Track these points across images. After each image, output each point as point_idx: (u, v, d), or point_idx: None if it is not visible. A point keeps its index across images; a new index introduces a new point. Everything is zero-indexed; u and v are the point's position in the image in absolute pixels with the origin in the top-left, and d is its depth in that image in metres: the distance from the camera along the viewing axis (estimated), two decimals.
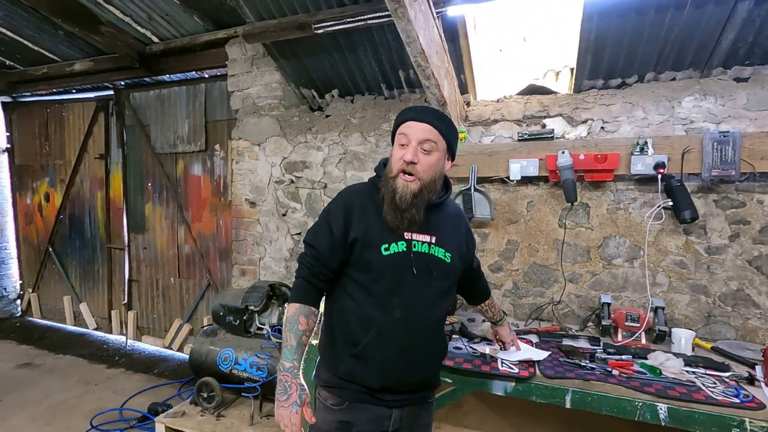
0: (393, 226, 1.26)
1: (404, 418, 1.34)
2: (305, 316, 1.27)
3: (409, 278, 1.27)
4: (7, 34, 3.65)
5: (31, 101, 4.74)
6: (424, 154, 1.24)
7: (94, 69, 3.83)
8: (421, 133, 1.24)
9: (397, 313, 1.26)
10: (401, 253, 1.27)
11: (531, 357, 1.75)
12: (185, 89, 3.83)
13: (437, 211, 1.35)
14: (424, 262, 1.29)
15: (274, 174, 3.13)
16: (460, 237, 1.42)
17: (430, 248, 1.31)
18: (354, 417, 1.29)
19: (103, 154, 4.33)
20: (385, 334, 1.26)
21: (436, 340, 1.38)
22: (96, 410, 2.95)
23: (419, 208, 1.26)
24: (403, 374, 1.30)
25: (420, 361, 1.32)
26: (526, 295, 2.49)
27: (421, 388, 1.36)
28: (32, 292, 4.92)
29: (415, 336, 1.29)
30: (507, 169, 2.36)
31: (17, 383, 3.40)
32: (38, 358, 3.91)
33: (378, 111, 2.84)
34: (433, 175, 1.27)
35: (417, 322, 1.29)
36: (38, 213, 4.83)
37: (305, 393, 1.23)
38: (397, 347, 1.27)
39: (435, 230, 1.33)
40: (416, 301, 1.28)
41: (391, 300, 1.27)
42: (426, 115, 1.26)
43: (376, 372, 1.27)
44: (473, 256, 1.56)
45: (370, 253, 1.26)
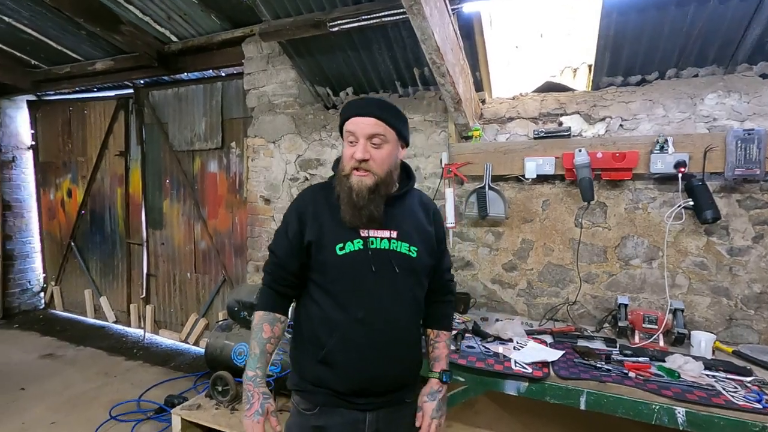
0: (352, 225, 1.23)
1: (381, 421, 1.28)
2: (269, 324, 1.28)
3: (368, 277, 1.22)
4: (32, 34, 3.75)
5: (55, 100, 4.87)
6: (374, 149, 1.21)
7: (115, 68, 3.92)
8: (368, 128, 1.20)
9: (359, 314, 1.22)
10: (357, 251, 1.23)
11: (545, 357, 1.73)
12: (202, 87, 3.88)
13: (399, 203, 1.31)
14: (384, 258, 1.24)
15: (289, 171, 3.16)
16: (427, 229, 1.34)
17: (390, 244, 1.25)
18: (326, 422, 1.26)
19: (123, 151, 4.43)
20: (348, 336, 1.22)
21: (406, 338, 1.30)
22: (115, 401, 3.03)
23: (377, 204, 1.22)
24: (371, 376, 1.24)
25: (388, 362, 1.25)
26: (541, 295, 2.46)
27: (394, 389, 1.29)
28: (55, 285, 5.06)
29: (380, 336, 1.23)
30: (522, 167, 2.34)
31: (40, 373, 3.51)
32: (60, 350, 4.02)
33: None
34: (388, 168, 1.24)
35: (381, 323, 1.23)
36: (61, 208, 4.96)
37: (268, 402, 1.23)
38: (362, 349, 1.22)
39: (397, 224, 1.28)
40: (379, 301, 1.23)
41: (351, 301, 1.23)
42: (370, 109, 1.22)
43: (342, 376, 1.23)
44: (443, 254, 1.43)
45: (325, 255, 1.24)
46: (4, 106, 4.88)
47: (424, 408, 1.35)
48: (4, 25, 3.66)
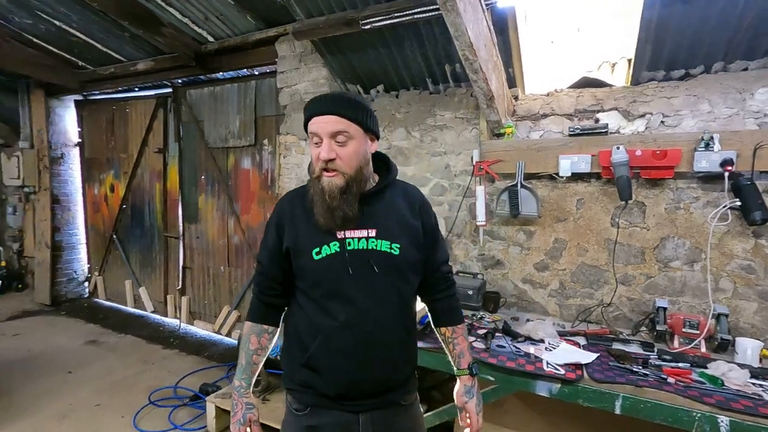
0: (327, 228, 1.19)
1: (376, 423, 1.24)
2: (257, 335, 1.29)
3: (347, 280, 1.19)
4: (80, 37, 3.96)
5: (99, 99, 5.12)
6: (340, 147, 1.16)
7: (155, 68, 4.08)
8: (329, 126, 1.15)
9: (340, 318, 1.19)
10: (334, 254, 1.19)
11: (578, 359, 1.70)
12: (236, 86, 3.99)
13: (378, 200, 1.25)
14: (363, 259, 1.19)
15: None
16: (412, 223, 1.27)
17: (368, 243, 1.20)
18: (318, 422, 1.25)
19: (162, 148, 4.61)
20: (331, 340, 1.20)
21: (391, 339, 1.24)
22: (153, 387, 3.17)
23: (351, 203, 1.17)
24: (356, 379, 1.22)
25: (373, 364, 1.22)
26: (574, 296, 2.40)
27: (384, 390, 1.25)
28: (98, 275, 5.34)
29: (364, 339, 1.20)
30: (556, 165, 2.29)
31: (85, 358, 3.72)
32: (103, 336, 4.24)
33: (423, 106, 2.83)
34: (358, 165, 1.18)
35: (365, 324, 1.19)
36: (104, 203, 5.22)
37: (251, 412, 1.25)
38: (346, 353, 1.20)
39: (375, 222, 1.22)
40: (361, 303, 1.19)
41: (331, 305, 1.20)
42: (328, 106, 1.16)
43: (327, 380, 1.22)
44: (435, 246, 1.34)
45: (303, 261, 1.21)
46: (54, 105, 5.16)
47: (468, 408, 1.32)
48: (55, 29, 3.88)
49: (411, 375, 1.34)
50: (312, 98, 1.22)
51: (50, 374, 3.38)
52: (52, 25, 3.82)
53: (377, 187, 1.26)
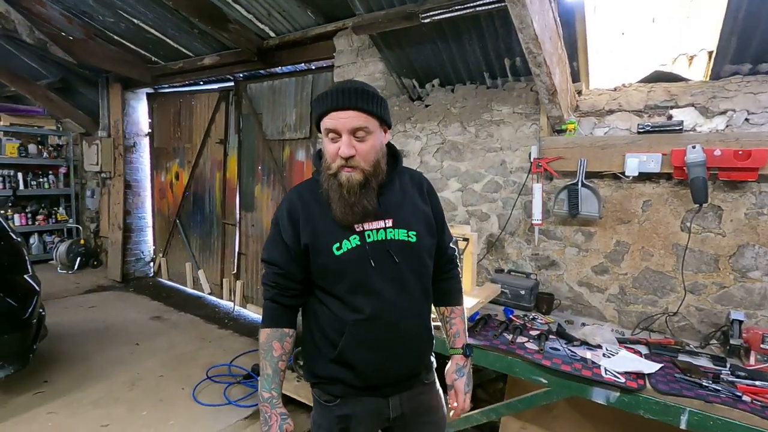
0: (345, 223, 1.17)
1: (404, 403, 1.28)
2: (278, 341, 1.22)
3: (370, 272, 1.17)
4: (154, 33, 4.24)
5: (168, 92, 5.47)
6: (359, 142, 1.12)
7: (220, 63, 4.29)
8: (350, 122, 1.10)
9: (367, 311, 1.18)
10: (356, 248, 1.17)
11: (640, 368, 1.62)
12: (294, 80, 4.12)
13: (390, 189, 1.23)
14: (383, 250, 1.18)
15: None
16: (423, 208, 1.27)
17: (387, 233, 1.19)
18: (351, 410, 1.25)
19: (223, 139, 4.86)
20: (358, 334, 1.19)
21: (416, 327, 1.27)
22: (210, 363, 3.38)
23: (370, 197, 1.15)
24: (386, 369, 1.23)
25: (402, 353, 1.24)
26: (635, 303, 2.28)
27: (410, 375, 1.29)
28: (162, 256, 5.74)
29: (390, 330, 1.20)
30: (622, 163, 2.17)
31: (150, 332, 4.02)
32: (166, 314, 4.57)
33: (479, 100, 2.78)
34: (375, 158, 1.16)
35: (390, 316, 1.19)
36: (170, 189, 5.59)
37: (286, 423, 1.20)
38: (374, 346, 1.20)
39: (391, 212, 1.21)
40: (384, 294, 1.18)
41: (356, 300, 1.19)
42: (348, 100, 1.10)
43: (358, 373, 1.22)
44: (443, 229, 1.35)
45: (323, 257, 1.18)
46: (129, 98, 5.58)
47: (456, 386, 1.32)
48: (133, 27, 4.19)
49: (431, 356, 1.38)
50: (325, 91, 1.15)
51: (121, 345, 3.70)
52: (131, 23, 4.13)
53: (389, 177, 1.23)
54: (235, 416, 2.77)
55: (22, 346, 2.70)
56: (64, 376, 3.13)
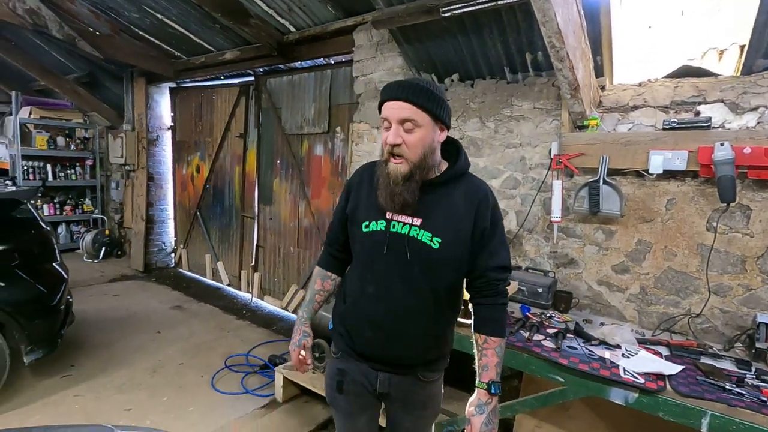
0: (385, 207, 1.26)
1: (393, 386, 1.35)
2: (321, 279, 1.49)
3: (381, 257, 1.27)
4: (178, 29, 4.32)
5: (190, 86, 5.56)
6: (407, 133, 1.18)
7: (240, 57, 4.34)
8: (399, 113, 1.18)
9: (371, 288, 1.31)
10: (379, 231, 1.27)
11: (660, 369, 1.59)
12: (313, 75, 4.14)
13: (437, 190, 1.25)
14: (400, 243, 1.25)
15: None
16: (461, 221, 1.25)
17: (410, 230, 1.24)
18: (347, 366, 1.39)
19: (242, 133, 4.93)
20: (359, 306, 1.34)
21: (414, 324, 1.29)
22: (228, 353, 3.45)
23: (412, 191, 1.21)
24: (374, 346, 1.33)
25: (393, 338, 1.30)
26: (656, 303, 2.23)
27: (400, 364, 1.33)
28: (183, 248, 5.87)
29: (386, 313, 1.29)
30: (646, 161, 2.12)
31: (171, 321, 4.13)
32: (186, 303, 4.68)
33: (499, 96, 2.75)
34: (423, 152, 1.19)
35: (390, 302, 1.28)
36: (191, 182, 5.70)
37: (306, 339, 1.41)
38: (368, 321, 1.32)
39: (426, 212, 1.24)
40: (389, 281, 1.27)
41: (366, 275, 1.33)
42: (400, 92, 1.18)
43: (350, 336, 1.37)
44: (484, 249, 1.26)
45: (355, 229, 1.33)
46: (152, 92, 5.70)
47: (473, 422, 1.23)
48: (158, 22, 4.27)
49: (437, 360, 1.38)
50: (389, 83, 1.24)
51: (143, 333, 3.81)
52: (155, 19, 4.21)
53: (439, 179, 1.26)
54: (252, 405, 2.83)
55: (51, 331, 2.81)
56: (90, 361, 3.25)
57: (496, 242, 1.28)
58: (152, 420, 2.61)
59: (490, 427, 1.23)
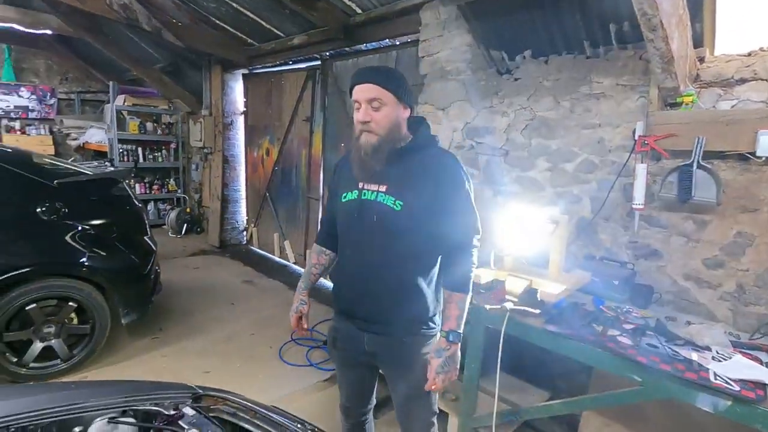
0: (357, 178, 1.45)
1: (378, 346, 1.50)
2: (317, 254, 1.69)
3: (354, 223, 1.46)
4: (250, 16, 4.50)
5: (261, 72, 5.80)
6: (374, 111, 1.36)
7: (307, 42, 4.43)
8: (366, 93, 1.36)
9: (348, 251, 1.52)
10: (353, 200, 1.46)
11: (760, 377, 1.41)
12: (378, 57, 4.12)
13: (399, 161, 1.41)
14: (369, 209, 1.42)
15: (455, 139, 3.16)
16: (422, 187, 1.40)
17: (377, 196, 1.42)
18: (339, 325, 1.59)
19: (309, 117, 5.06)
20: (341, 266, 1.57)
21: (387, 283, 1.44)
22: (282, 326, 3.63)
23: (379, 160, 1.39)
24: (351, 302, 1.52)
25: (364, 295, 1.47)
26: (756, 303, 1.98)
27: (375, 321, 1.48)
28: (253, 226, 6.23)
29: (361, 272, 1.47)
30: (753, 142, 1.86)
31: (243, 295, 4.43)
32: (256, 279, 4.99)
33: (576, 72, 2.55)
34: (389, 127, 1.38)
35: (361, 262, 1.47)
36: (261, 165, 6.00)
37: (303, 305, 1.62)
38: (347, 280, 1.52)
39: (391, 180, 1.41)
40: (361, 244, 1.47)
41: (344, 239, 1.53)
42: (366, 76, 1.38)
43: (336, 295, 1.58)
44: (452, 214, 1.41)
45: (336, 202, 1.54)
46: (227, 79, 6.02)
47: (431, 363, 1.41)
48: (232, 10, 4.47)
49: (415, 321, 1.49)
50: (356, 70, 1.43)
51: (219, 304, 4.13)
52: (230, 7, 4.41)
53: (403, 149, 1.43)
54: (315, 377, 2.97)
55: (143, 297, 3.14)
56: (174, 326, 3.59)
57: (459, 205, 1.43)
58: (227, 384, 2.81)
59: (446, 369, 1.39)
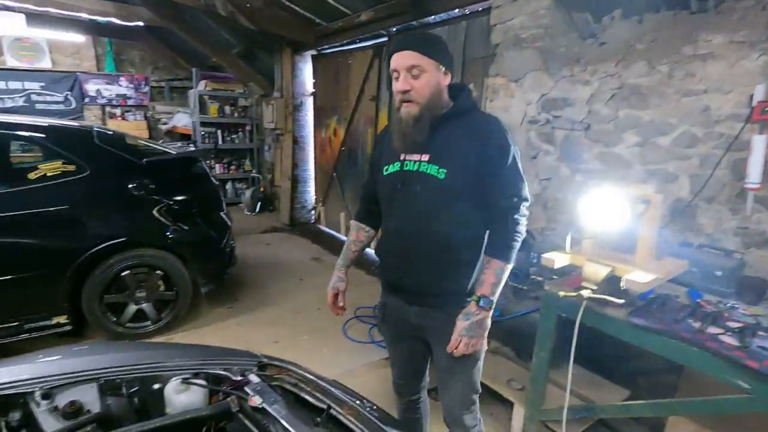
0: (399, 150, 1.41)
1: (425, 319, 1.48)
2: (356, 230, 1.67)
3: (397, 194, 1.43)
4: None
5: (329, 53, 5.83)
6: (414, 80, 1.31)
7: (374, 18, 4.34)
8: (404, 61, 1.30)
9: (391, 224, 1.50)
10: (395, 172, 1.43)
11: None
12: (446, 29, 3.92)
13: (441, 128, 1.37)
14: (411, 179, 1.39)
15: (529, 113, 2.93)
16: (466, 153, 1.35)
17: (420, 166, 1.38)
18: (386, 300, 1.59)
19: (375, 96, 5.01)
20: (385, 240, 1.54)
21: (430, 255, 1.41)
22: (357, 304, 3.69)
23: (421, 131, 1.34)
24: (397, 275, 1.50)
25: (410, 267, 1.45)
26: None
27: (420, 293, 1.46)
28: (321, 206, 6.41)
29: (405, 244, 1.44)
30: None
31: (311, 271, 4.59)
32: (323, 256, 5.14)
33: (678, 31, 2.20)
34: (430, 95, 1.33)
35: (404, 235, 1.44)
36: (329, 145, 6.10)
37: (340, 283, 1.64)
38: (393, 251, 1.50)
39: (433, 148, 1.37)
40: (405, 215, 1.43)
41: (388, 212, 1.51)
42: (404, 44, 1.33)
43: (382, 269, 1.58)
44: (494, 179, 1.36)
45: (378, 176, 1.51)
46: (297, 61, 6.15)
47: (457, 325, 1.39)
48: None
49: (462, 293, 1.44)
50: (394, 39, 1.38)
51: (288, 278, 4.32)
52: None
53: (444, 116, 1.37)
54: (377, 355, 2.99)
55: (219, 269, 3.36)
56: (248, 297, 3.82)
57: (506, 172, 1.36)
58: (294, 354, 2.92)
59: (470, 333, 1.36)
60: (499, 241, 1.38)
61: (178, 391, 1.15)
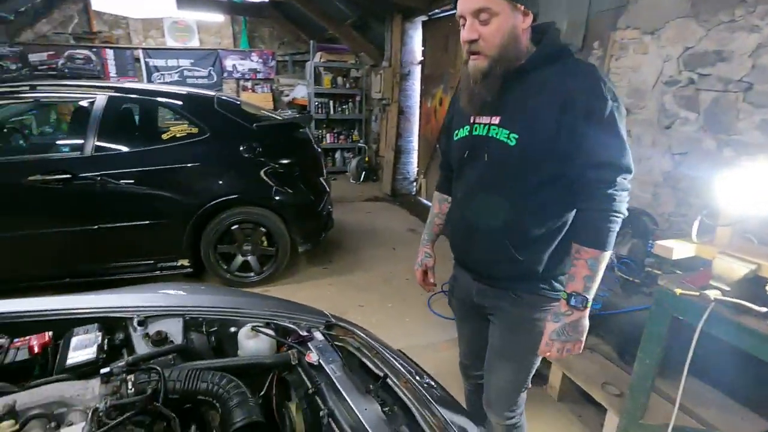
0: (468, 111, 1.24)
1: (487, 298, 1.35)
2: (438, 202, 1.56)
3: (466, 162, 1.27)
4: None
5: (440, 17, 5.56)
6: (482, 26, 1.09)
7: None
8: (471, 3, 1.08)
9: (459, 195, 1.35)
10: (464, 138, 1.27)
11: None
12: None
13: (518, 82, 1.14)
14: (479, 146, 1.22)
15: (666, 72, 2.41)
16: (546, 113, 1.10)
17: (489, 130, 1.19)
18: (457, 273, 1.48)
19: None
20: (453, 211, 1.42)
21: (493, 227, 1.24)
22: (446, 279, 3.54)
23: (491, 88, 1.14)
24: (462, 249, 1.39)
25: (475, 241, 1.31)
26: None
27: (486, 273, 1.33)
28: (423, 178, 6.33)
29: (470, 216, 1.30)
30: None
31: (405, 241, 4.60)
32: (419, 228, 5.09)
33: None
34: (503, 43, 1.10)
35: (471, 207, 1.29)
36: (434, 116, 5.93)
37: (428, 259, 1.56)
38: (458, 224, 1.36)
39: (506, 108, 1.16)
40: (471, 186, 1.28)
41: (457, 183, 1.35)
42: None
43: (450, 239, 1.43)
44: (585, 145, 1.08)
45: (449, 141, 1.36)
46: (407, 28, 6.01)
47: (546, 327, 1.21)
48: None
49: (531, 277, 1.26)
50: None
51: (382, 246, 4.39)
52: None
53: (522, 67, 1.13)
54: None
55: (316, 230, 3.55)
56: (342, 260, 3.99)
57: (597, 136, 1.08)
58: (377, 319, 3.01)
59: (563, 337, 1.17)
60: (590, 225, 1.12)
61: (248, 336, 1.22)
